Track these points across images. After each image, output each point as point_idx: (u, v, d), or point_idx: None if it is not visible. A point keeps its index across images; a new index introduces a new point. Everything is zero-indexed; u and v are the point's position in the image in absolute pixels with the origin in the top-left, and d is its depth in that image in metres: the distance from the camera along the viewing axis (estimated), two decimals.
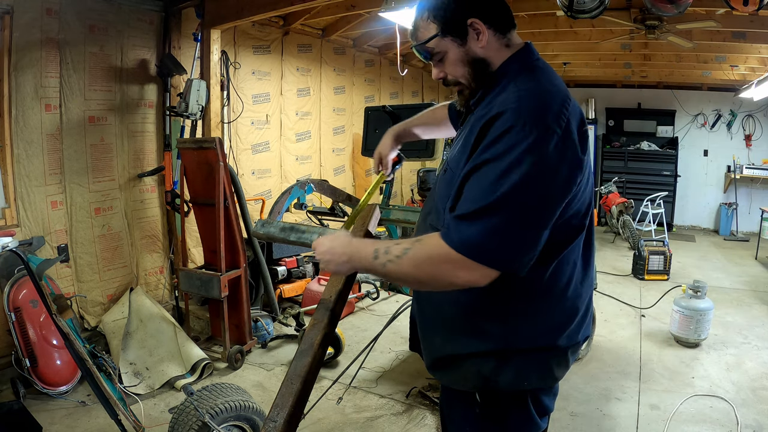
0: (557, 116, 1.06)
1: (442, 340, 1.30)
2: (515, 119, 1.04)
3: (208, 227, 3.61)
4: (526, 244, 1.05)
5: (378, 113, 3.20)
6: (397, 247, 1.11)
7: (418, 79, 8.34)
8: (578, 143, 1.08)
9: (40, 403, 2.96)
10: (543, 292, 1.19)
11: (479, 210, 1.03)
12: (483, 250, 1.03)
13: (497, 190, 1.01)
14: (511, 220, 1.02)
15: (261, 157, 5.33)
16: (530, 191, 1.02)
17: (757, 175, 8.69)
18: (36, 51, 3.34)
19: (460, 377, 1.28)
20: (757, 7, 3.14)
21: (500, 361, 1.21)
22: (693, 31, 4.94)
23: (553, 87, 1.13)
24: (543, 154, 1.02)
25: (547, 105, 1.08)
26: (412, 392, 3.18)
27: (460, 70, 1.22)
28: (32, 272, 2.24)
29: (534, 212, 1.04)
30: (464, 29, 1.18)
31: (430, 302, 1.33)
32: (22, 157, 3.33)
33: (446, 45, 1.20)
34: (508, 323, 1.21)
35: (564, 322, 1.23)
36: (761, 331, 4.32)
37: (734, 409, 3.01)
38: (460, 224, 1.05)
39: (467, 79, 1.23)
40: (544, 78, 1.16)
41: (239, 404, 2.25)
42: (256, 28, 5.04)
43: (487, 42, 1.19)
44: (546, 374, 1.25)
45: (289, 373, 1.24)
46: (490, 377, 1.22)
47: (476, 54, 1.20)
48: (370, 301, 4.75)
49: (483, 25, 1.17)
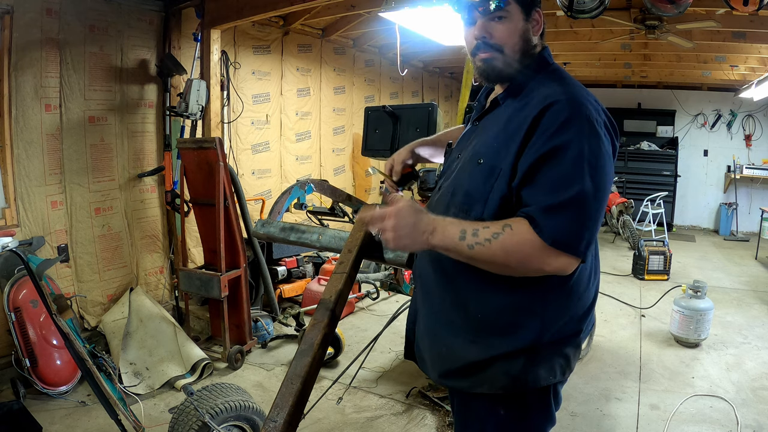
0: (598, 112, 1.15)
1: (464, 344, 1.26)
2: (570, 110, 1.12)
3: (208, 227, 3.61)
4: (593, 235, 1.13)
5: (378, 113, 3.20)
6: (485, 231, 1.10)
7: (418, 79, 8.34)
8: (614, 137, 1.20)
9: (40, 403, 2.95)
10: (575, 281, 1.23)
11: (565, 202, 1.08)
12: (572, 241, 1.09)
13: (578, 181, 1.08)
14: (591, 211, 1.10)
15: (261, 157, 5.33)
16: (602, 182, 1.11)
17: (757, 175, 8.69)
18: (36, 51, 3.34)
19: (485, 381, 1.25)
20: (757, 7, 3.14)
21: (529, 359, 1.21)
22: (693, 31, 4.94)
23: (578, 83, 1.24)
24: (604, 145, 1.12)
25: (591, 100, 1.17)
26: (412, 392, 3.18)
27: (512, 39, 1.25)
28: (32, 272, 2.24)
29: (603, 202, 1.13)
30: (531, 11, 1.26)
31: (448, 305, 1.29)
32: (22, 157, 3.33)
33: (516, 11, 1.24)
34: (546, 316, 1.21)
35: (587, 310, 1.29)
36: (761, 331, 4.32)
37: (734, 409, 3.01)
38: (549, 216, 1.08)
39: (510, 52, 1.25)
40: (567, 75, 1.28)
41: (239, 404, 2.25)
42: (256, 28, 5.04)
43: (538, 32, 1.28)
44: (567, 365, 1.28)
45: (289, 373, 1.24)
46: (519, 376, 1.21)
47: (530, 36, 1.27)
48: (370, 301, 4.75)
49: (541, 18, 1.29)
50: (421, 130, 3.03)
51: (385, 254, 1.56)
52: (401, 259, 1.52)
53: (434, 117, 3.01)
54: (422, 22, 3.76)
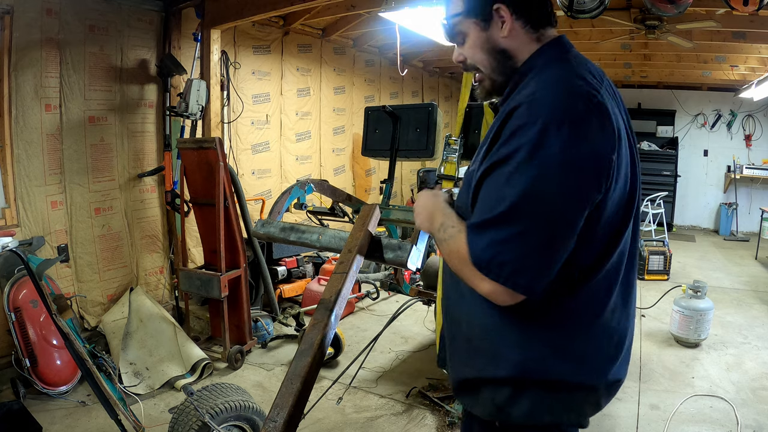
0: (573, 111, 0.97)
1: (461, 361, 1.22)
2: (527, 116, 0.97)
3: (208, 227, 3.61)
4: (537, 262, 0.97)
5: (378, 113, 3.20)
6: (451, 229, 1.10)
7: (418, 79, 8.34)
8: (601, 142, 0.97)
9: (40, 403, 2.95)
10: (568, 320, 1.08)
11: (486, 221, 0.99)
12: (490, 265, 0.98)
13: (504, 199, 0.96)
14: (519, 234, 0.96)
15: (261, 157, 5.33)
16: (540, 200, 0.95)
17: (757, 175, 8.69)
18: (36, 51, 3.34)
19: (477, 403, 1.19)
20: (757, 7, 3.13)
21: (516, 391, 1.10)
22: (693, 31, 4.93)
23: (576, 79, 1.03)
24: (554, 155, 0.93)
25: (562, 99, 0.99)
26: (412, 392, 3.18)
27: (478, 56, 1.17)
28: (32, 272, 2.24)
29: (545, 225, 0.96)
30: (489, 14, 1.12)
31: (453, 320, 1.26)
32: (22, 157, 3.33)
33: (469, 26, 1.15)
34: (526, 350, 1.09)
35: (592, 356, 1.11)
36: (761, 331, 4.32)
37: (734, 409, 3.01)
38: (472, 234, 1.02)
39: (486, 68, 1.17)
40: (568, 70, 1.06)
41: (239, 404, 2.25)
42: (256, 28, 5.04)
43: (512, 33, 1.12)
44: (567, 411, 1.12)
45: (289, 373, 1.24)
46: (503, 407, 1.12)
47: (497, 43, 1.14)
48: (370, 301, 4.75)
49: (509, 13, 1.11)
50: (421, 130, 3.02)
51: (385, 254, 1.56)
52: (401, 259, 1.52)
53: (434, 117, 3.01)
54: (422, 22, 3.76)
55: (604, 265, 1.07)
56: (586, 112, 0.97)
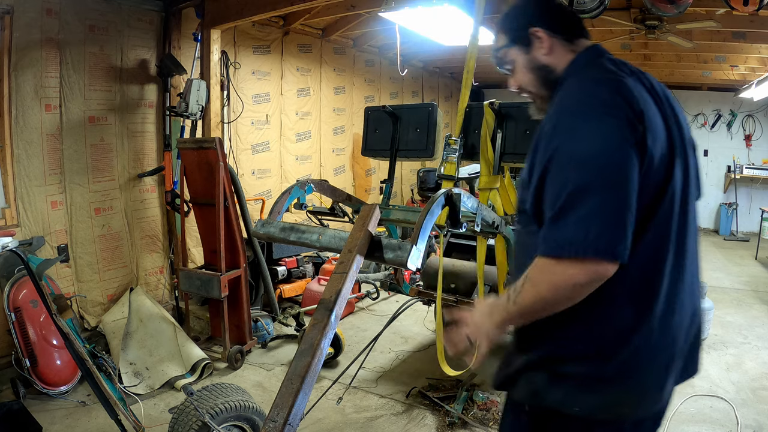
0: (595, 102, 1.08)
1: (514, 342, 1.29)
2: (559, 113, 1.12)
3: (208, 227, 3.61)
4: (610, 227, 1.01)
5: (378, 113, 3.19)
6: (518, 283, 1.13)
7: (418, 79, 8.34)
8: (629, 129, 1.05)
9: (40, 403, 2.95)
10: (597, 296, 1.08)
11: (558, 211, 1.05)
12: (575, 243, 1.01)
13: (566, 185, 1.04)
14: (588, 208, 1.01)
15: (261, 157, 5.33)
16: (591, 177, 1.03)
17: (757, 175, 8.69)
18: (36, 51, 3.34)
19: (517, 386, 1.25)
20: (757, 7, 3.14)
21: (553, 376, 1.15)
22: (693, 31, 4.93)
23: (602, 75, 1.15)
24: (590, 138, 1.05)
25: (589, 93, 1.11)
26: (412, 392, 3.18)
27: (527, 77, 1.31)
28: (32, 272, 2.24)
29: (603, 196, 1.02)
30: (527, 38, 1.27)
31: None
32: (22, 157, 3.33)
33: (514, 54, 1.30)
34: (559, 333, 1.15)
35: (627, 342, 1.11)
36: (761, 331, 4.32)
37: (734, 409, 3.01)
38: (551, 229, 1.06)
39: (535, 86, 1.31)
40: (596, 69, 1.18)
41: (239, 404, 2.25)
42: (256, 28, 5.04)
43: (552, 49, 1.26)
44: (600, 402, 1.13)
45: (289, 373, 1.24)
46: (539, 391, 1.17)
47: (539, 61, 1.27)
48: (370, 301, 4.75)
49: (545, 33, 1.25)
50: (421, 130, 3.02)
51: (385, 254, 1.56)
52: (401, 259, 1.52)
53: (434, 117, 3.00)
54: (422, 22, 3.76)
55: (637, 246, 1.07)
56: (609, 101, 1.08)
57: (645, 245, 1.09)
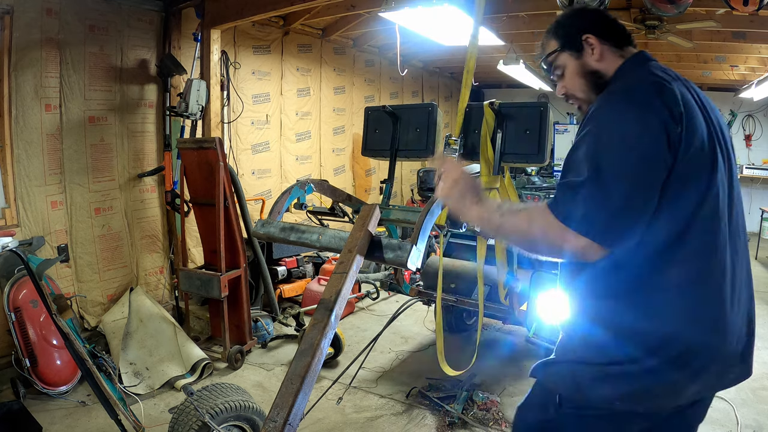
0: (634, 96, 1.14)
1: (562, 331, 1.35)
2: (598, 105, 1.19)
3: (208, 227, 3.61)
4: (610, 213, 1.07)
5: (378, 113, 3.19)
6: (517, 205, 1.25)
7: (418, 79, 8.34)
8: (664, 128, 1.08)
9: (40, 403, 2.95)
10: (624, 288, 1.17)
11: (567, 181, 1.13)
12: (577, 221, 1.08)
13: (590, 161, 1.10)
14: (591, 188, 1.08)
15: (261, 157, 5.33)
16: (609, 160, 1.08)
17: (757, 175, 8.68)
18: (36, 51, 3.34)
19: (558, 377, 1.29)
20: (757, 7, 3.13)
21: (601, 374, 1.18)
22: (693, 31, 4.93)
23: (646, 75, 1.20)
24: (620, 126, 1.10)
25: (630, 89, 1.17)
26: (412, 392, 3.17)
27: (577, 82, 1.34)
28: (32, 272, 2.24)
29: (615, 181, 1.07)
30: (580, 44, 1.31)
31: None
32: (22, 157, 3.33)
33: (565, 59, 1.34)
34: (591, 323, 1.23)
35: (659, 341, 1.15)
36: (761, 331, 4.32)
37: (734, 409, 3.01)
38: (564, 192, 1.13)
39: (584, 92, 1.34)
40: (641, 71, 1.24)
41: (239, 404, 2.25)
42: (256, 28, 5.04)
43: (602, 55, 1.30)
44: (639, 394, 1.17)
45: (289, 373, 1.24)
46: (583, 386, 1.21)
47: (591, 66, 1.31)
48: (370, 301, 4.75)
49: (597, 39, 1.29)
50: (421, 130, 3.02)
51: (385, 254, 1.56)
52: (401, 259, 1.52)
53: (434, 117, 3.00)
54: (422, 22, 3.76)
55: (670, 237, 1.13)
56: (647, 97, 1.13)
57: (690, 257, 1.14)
